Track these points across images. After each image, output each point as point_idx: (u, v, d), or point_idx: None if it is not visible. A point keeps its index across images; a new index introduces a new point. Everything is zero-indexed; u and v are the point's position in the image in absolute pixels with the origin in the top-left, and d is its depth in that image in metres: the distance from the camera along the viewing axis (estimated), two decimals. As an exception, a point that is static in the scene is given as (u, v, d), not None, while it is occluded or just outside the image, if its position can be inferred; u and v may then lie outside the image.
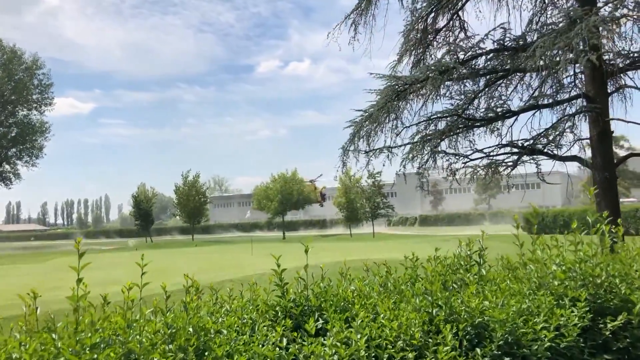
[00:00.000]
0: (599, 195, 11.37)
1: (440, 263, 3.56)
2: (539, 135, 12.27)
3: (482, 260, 3.53)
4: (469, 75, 11.30)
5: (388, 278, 3.63)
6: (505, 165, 13.55)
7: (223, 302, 3.59)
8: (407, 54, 12.95)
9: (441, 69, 10.18)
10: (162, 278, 14.59)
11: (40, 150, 69.14)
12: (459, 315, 2.65)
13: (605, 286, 2.99)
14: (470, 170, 13.74)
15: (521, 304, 2.70)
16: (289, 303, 3.24)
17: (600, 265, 3.10)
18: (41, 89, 67.93)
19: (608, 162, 11.22)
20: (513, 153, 13.19)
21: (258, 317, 3.05)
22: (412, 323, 2.51)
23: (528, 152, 12.36)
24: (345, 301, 3.20)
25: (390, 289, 3.40)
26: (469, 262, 3.58)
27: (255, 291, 3.48)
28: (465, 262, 3.58)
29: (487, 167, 13.54)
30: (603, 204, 11.36)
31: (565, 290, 2.88)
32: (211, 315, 3.07)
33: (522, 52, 10.69)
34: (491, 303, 2.68)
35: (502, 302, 2.68)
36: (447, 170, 13.43)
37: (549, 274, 3.05)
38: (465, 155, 13.19)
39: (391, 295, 3.16)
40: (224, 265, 22.43)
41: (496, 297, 2.76)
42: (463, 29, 12.98)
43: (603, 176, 11.23)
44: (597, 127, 11.06)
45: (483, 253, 3.63)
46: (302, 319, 3.00)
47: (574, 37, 8.67)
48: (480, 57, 11.48)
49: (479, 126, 11.99)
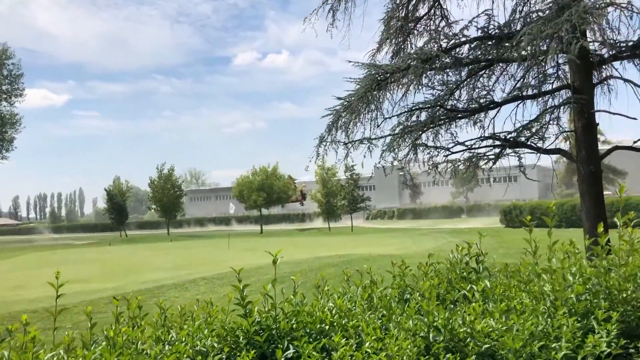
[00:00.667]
0: (584, 189, 11.07)
1: (435, 273, 3.04)
2: (522, 128, 11.92)
3: (480, 267, 3.03)
4: (451, 64, 10.85)
5: (373, 290, 3.10)
6: (486, 159, 13.20)
7: (171, 325, 3.01)
8: (388, 42, 12.46)
9: (423, 58, 9.70)
10: (133, 276, 13.83)
11: (10, 143, 67.32)
12: (462, 340, 2.17)
13: (633, 302, 2.53)
14: (451, 164, 13.37)
15: (537, 326, 2.22)
16: (252, 327, 2.70)
17: (627, 276, 2.62)
18: (11, 80, 66.09)
19: (593, 156, 10.90)
20: (495, 146, 12.82)
21: (212, 347, 2.50)
22: (405, 353, 2.01)
23: (511, 144, 12.01)
24: (322, 323, 2.68)
25: (376, 304, 2.88)
26: (467, 269, 3.08)
27: (211, 312, 2.91)
28: (464, 270, 3.08)
29: (468, 160, 13.17)
30: (587, 198, 11.06)
31: (592, 308, 2.40)
32: (156, 342, 2.51)
33: (507, 40, 10.27)
34: (499, 323, 2.21)
35: (515, 324, 2.19)
36: (428, 163, 13.03)
37: (568, 288, 2.56)
38: (447, 148, 12.79)
39: (377, 312, 2.66)
40: (199, 261, 21.78)
41: (505, 316, 2.28)
42: (445, 18, 12.54)
43: (588, 170, 10.92)
44: (582, 120, 10.73)
45: (482, 259, 3.13)
46: (269, 348, 2.46)
47: (563, 23, 8.26)
48: (464, 46, 11.03)
49: (461, 118, 11.57)
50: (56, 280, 2.90)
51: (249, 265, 16.33)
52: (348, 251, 21.69)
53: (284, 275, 13.07)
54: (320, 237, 42.68)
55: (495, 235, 29.82)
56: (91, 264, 22.44)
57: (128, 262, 22.67)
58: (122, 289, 12.33)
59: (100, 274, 17.77)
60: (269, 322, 2.72)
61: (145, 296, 11.50)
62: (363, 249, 23.94)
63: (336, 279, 12.92)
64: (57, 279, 3.01)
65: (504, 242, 25.86)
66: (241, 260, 19.96)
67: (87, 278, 16.26)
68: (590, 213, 10.92)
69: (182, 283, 12.57)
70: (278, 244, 35.24)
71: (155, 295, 11.47)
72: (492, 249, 22.25)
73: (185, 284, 12.51)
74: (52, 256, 30.18)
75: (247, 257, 22.47)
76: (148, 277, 15.29)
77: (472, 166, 13.35)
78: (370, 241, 33.45)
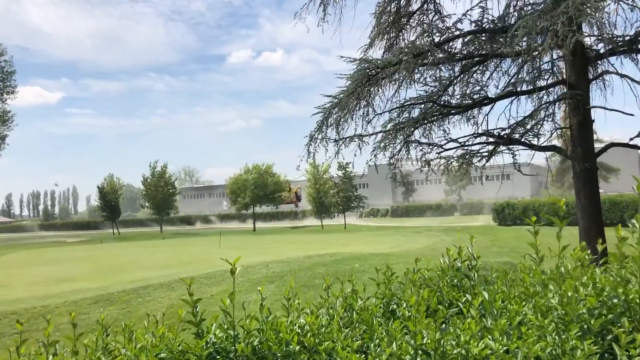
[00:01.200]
0: (579, 187, 10.87)
1: (423, 281, 2.75)
2: (516, 124, 11.70)
3: (474, 274, 2.74)
4: (444, 59, 10.60)
5: (353, 303, 2.80)
6: (480, 156, 12.99)
7: (115, 345, 2.68)
8: (380, 37, 12.21)
9: (415, 52, 9.44)
10: (120, 275, 13.45)
11: (2, 140, 66.61)
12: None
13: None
14: (444, 161, 13.15)
15: (545, 349, 1.93)
16: (205, 350, 2.39)
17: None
18: (3, 77, 65.28)
19: (588, 153, 10.69)
20: (489, 143, 12.61)
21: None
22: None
23: (505, 141, 11.79)
24: (289, 345, 2.37)
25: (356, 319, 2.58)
26: (458, 275, 2.80)
27: (158, 331, 2.58)
28: (455, 276, 2.79)
29: (461, 157, 12.95)
30: (582, 195, 10.86)
31: (609, 326, 2.06)
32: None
33: (502, 34, 10.02)
34: (499, 344, 1.91)
35: (518, 349, 1.87)
36: (421, 160, 12.80)
37: (580, 302, 2.21)
38: (439, 145, 12.56)
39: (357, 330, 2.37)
40: (189, 259, 21.47)
41: (507, 336, 1.98)
42: (438, 12, 12.29)
43: (583, 167, 10.71)
44: (578, 116, 10.51)
45: (475, 264, 2.84)
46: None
47: (560, 15, 8.01)
48: (457, 40, 10.78)
49: (455, 114, 11.33)
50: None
51: (238, 263, 16.04)
52: (340, 249, 21.44)
53: (274, 275, 12.85)
54: (313, 235, 42.43)
55: (488, 234, 29.67)
56: (79, 263, 22.08)
57: (117, 261, 22.32)
58: (107, 289, 12.03)
59: (87, 273, 17.43)
60: (225, 344, 2.43)
61: (131, 296, 11.23)
62: (355, 248, 23.71)
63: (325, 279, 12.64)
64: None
65: (497, 240, 25.73)
66: (231, 259, 19.65)
67: (74, 277, 15.92)
68: (585, 211, 10.71)
69: (169, 282, 12.27)
70: (270, 242, 34.98)
71: (140, 295, 11.19)
72: (485, 248, 22.09)
73: (172, 283, 12.21)
74: (41, 255, 29.74)
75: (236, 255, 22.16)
76: (136, 276, 14.98)
77: (465, 163, 13.13)
78: (362, 239, 33.23)
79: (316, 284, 11.43)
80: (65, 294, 11.71)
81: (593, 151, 10.82)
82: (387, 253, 18.14)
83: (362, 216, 76.41)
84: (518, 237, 26.39)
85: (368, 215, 78.85)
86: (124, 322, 9.51)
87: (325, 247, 24.29)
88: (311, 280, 11.75)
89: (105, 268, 19.05)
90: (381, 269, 3.05)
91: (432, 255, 15.20)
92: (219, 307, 2.56)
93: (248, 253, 23.49)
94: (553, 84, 11.14)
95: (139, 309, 10.33)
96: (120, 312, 10.01)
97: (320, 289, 11.16)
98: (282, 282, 11.85)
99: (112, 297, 11.14)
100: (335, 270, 12.91)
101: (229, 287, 11.63)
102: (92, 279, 15.09)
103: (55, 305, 10.54)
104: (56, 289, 13.03)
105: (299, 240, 34.68)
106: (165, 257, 23.37)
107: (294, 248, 25.87)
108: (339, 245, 26.21)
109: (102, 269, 18.81)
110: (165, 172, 71.67)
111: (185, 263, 19.58)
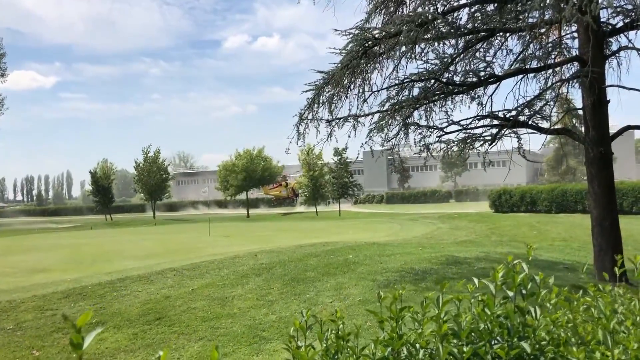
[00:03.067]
0: (592, 173, 10.02)
1: (451, 318, 1.74)
2: (524, 105, 10.82)
3: (536, 311, 1.70)
4: (447, 34, 9.66)
5: (338, 349, 1.81)
6: (482, 140, 12.14)
7: None
8: (377, 11, 11.25)
9: (418, 21, 8.49)
10: (99, 265, 12.25)
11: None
12: None
13: None
14: (444, 145, 12.31)
15: None
16: None
17: None
18: (-8, 59, 63.67)
19: (603, 136, 9.83)
20: (493, 126, 11.76)
21: None
22: None
23: (510, 124, 10.91)
24: None
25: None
26: (510, 313, 1.75)
27: None
28: (504, 311, 1.77)
29: (462, 141, 12.11)
30: (596, 182, 10.02)
31: None
32: None
33: (511, 2, 9.08)
34: None
35: None
36: (420, 144, 11.95)
37: None
38: (440, 128, 11.70)
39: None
40: (176, 248, 20.58)
41: None
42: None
43: (597, 151, 9.86)
44: (592, 96, 9.64)
45: (538, 292, 1.82)
46: None
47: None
48: (463, 10, 9.82)
49: (459, 93, 10.41)
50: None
51: (225, 253, 15.18)
52: (333, 238, 20.60)
53: (262, 267, 12.00)
54: (307, 222, 41.58)
55: (486, 221, 28.89)
56: (59, 251, 21.13)
57: (100, 250, 21.41)
58: (82, 282, 11.14)
59: (64, 262, 16.52)
60: None
61: (106, 290, 10.35)
62: (349, 236, 22.88)
63: (317, 270, 11.87)
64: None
65: (496, 228, 24.94)
66: (219, 248, 18.81)
67: (49, 267, 15.02)
68: (599, 200, 9.87)
69: (148, 275, 11.38)
70: (262, 229, 34.11)
71: (116, 289, 10.30)
72: (484, 236, 21.22)
73: (151, 275, 11.32)
74: (22, 242, 28.76)
75: (225, 244, 21.33)
76: (115, 266, 14.09)
77: (467, 148, 12.29)
78: (357, 227, 32.41)
79: (307, 277, 10.57)
80: (35, 287, 10.80)
81: (608, 134, 9.97)
82: (382, 242, 17.29)
83: (356, 203, 75.62)
84: (517, 225, 25.61)
85: (363, 202, 78.06)
86: (95, 319, 8.46)
87: (318, 236, 23.45)
88: (302, 274, 10.87)
89: (85, 257, 18.13)
90: (385, 300, 2.00)
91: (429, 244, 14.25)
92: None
93: (238, 241, 22.68)
94: (566, 60, 10.25)
95: (112, 305, 9.46)
96: (92, 308, 9.12)
97: (311, 283, 10.25)
98: (270, 274, 10.97)
99: (85, 291, 10.25)
100: (328, 262, 12.04)
101: (213, 280, 10.77)
102: (68, 269, 14.18)
103: (22, 300, 9.64)
104: (27, 280, 12.13)
105: (291, 228, 33.85)
106: (151, 245, 22.47)
107: (286, 236, 25.03)
108: (333, 234, 25.38)
109: (81, 258, 17.89)
110: (158, 157, 70.45)
111: (171, 252, 18.68)
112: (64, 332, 8.05)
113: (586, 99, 9.90)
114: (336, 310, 1.87)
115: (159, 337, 7.62)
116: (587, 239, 19.41)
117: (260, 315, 8.29)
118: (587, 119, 10.00)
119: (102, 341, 7.56)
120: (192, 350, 6.96)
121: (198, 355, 6.77)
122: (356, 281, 9.99)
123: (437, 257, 12.39)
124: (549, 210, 35.60)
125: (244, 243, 21.10)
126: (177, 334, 7.68)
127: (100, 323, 8.31)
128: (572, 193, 35.05)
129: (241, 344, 7.04)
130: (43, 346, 7.44)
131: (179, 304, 9.14)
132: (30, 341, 7.64)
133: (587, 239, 19.50)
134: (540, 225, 25.07)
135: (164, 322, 8.24)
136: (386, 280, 9.88)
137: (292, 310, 8.50)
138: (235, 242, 22.48)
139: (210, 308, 8.83)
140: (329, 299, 8.94)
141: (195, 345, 7.14)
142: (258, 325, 7.83)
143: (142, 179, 70.01)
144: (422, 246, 15.38)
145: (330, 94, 9.62)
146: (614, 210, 9.99)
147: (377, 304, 8.77)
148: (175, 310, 8.76)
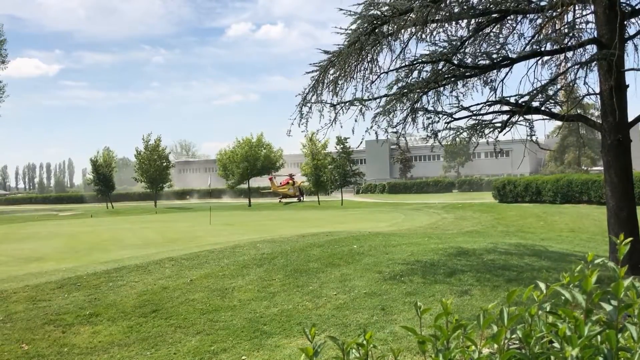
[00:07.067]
0: (609, 162, 9.58)
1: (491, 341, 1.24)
2: (538, 90, 10.34)
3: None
4: (460, 13, 9.18)
5: None
6: (493, 127, 11.71)
7: None
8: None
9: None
10: (96, 254, 11.74)
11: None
12: None
13: None
14: (453, 132, 11.88)
15: None
16: None
17: None
18: (-9, 46, 63.05)
19: (621, 122, 9.37)
20: (504, 112, 11.31)
21: None
22: None
23: (523, 110, 10.45)
24: None
25: None
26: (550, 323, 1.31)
27: None
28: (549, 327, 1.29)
29: (471, 128, 11.67)
30: (613, 171, 9.58)
31: None
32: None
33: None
34: None
35: None
36: (427, 130, 11.52)
37: None
38: (449, 114, 11.25)
39: None
40: (176, 237, 20.21)
41: None
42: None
43: (615, 139, 9.41)
44: (610, 80, 9.16)
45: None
46: None
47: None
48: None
49: (470, 76, 9.93)
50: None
51: (226, 242, 14.79)
52: (336, 227, 20.21)
53: (263, 257, 11.60)
54: (309, 212, 41.22)
55: (491, 211, 28.50)
56: (57, 239, 20.76)
57: (98, 238, 21.03)
58: (77, 271, 10.75)
59: (61, 251, 16.16)
60: None
61: (101, 280, 9.97)
62: (352, 225, 22.50)
63: (321, 261, 11.48)
64: None
65: (502, 218, 24.55)
66: (219, 237, 18.41)
67: (45, 256, 14.66)
68: (616, 190, 9.43)
69: (146, 264, 11.00)
70: (264, 218, 33.77)
71: (112, 279, 9.92)
72: (490, 227, 20.78)
73: (149, 265, 10.94)
74: (19, 230, 28.38)
75: (226, 233, 20.94)
76: (113, 255, 13.72)
77: (476, 134, 11.87)
78: (360, 216, 32.03)
79: (310, 268, 10.18)
80: (28, 277, 10.43)
81: (626, 120, 9.52)
82: (387, 232, 16.89)
83: (359, 192, 75.21)
84: (523, 215, 25.21)
85: (365, 191, 77.66)
86: (89, 311, 8.00)
87: (321, 225, 23.06)
88: (305, 264, 10.48)
89: (82, 246, 17.76)
90: (425, 313, 1.53)
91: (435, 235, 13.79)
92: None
93: (239, 230, 22.29)
94: (583, 42, 9.76)
95: (107, 296, 9.08)
96: (86, 299, 8.74)
97: (315, 274, 9.83)
98: (271, 265, 10.58)
99: (79, 281, 9.86)
100: (332, 253, 11.65)
101: (212, 270, 10.38)
102: (63, 258, 13.82)
103: (14, 290, 9.26)
104: (20, 270, 11.76)
105: (293, 217, 33.49)
106: (151, 234, 22.10)
107: (288, 225, 24.66)
108: (336, 223, 25.00)
109: (78, 247, 17.52)
110: (159, 145, 69.90)
111: (170, 241, 18.31)
112: (56, 324, 7.68)
113: (604, 83, 9.44)
114: (364, 330, 1.44)
115: (155, 330, 7.24)
116: (595, 230, 19.03)
117: (261, 308, 7.91)
118: (605, 105, 9.54)
119: (96, 334, 7.19)
120: (190, 344, 6.58)
121: (195, 350, 6.39)
122: (361, 272, 9.60)
123: (444, 248, 11.98)
124: (553, 201, 35.13)
125: (246, 232, 20.71)
126: (174, 327, 7.30)
127: (94, 315, 7.95)
128: (578, 183, 34.56)
129: (241, 339, 6.67)
130: (33, 339, 7.05)
131: (176, 296, 8.76)
132: (20, 334, 7.25)
133: (596, 230, 19.13)
134: (546, 215, 24.66)
135: (161, 314, 7.86)
136: (393, 272, 9.49)
137: (294, 302, 8.12)
138: (236, 231, 22.09)
139: (209, 300, 8.46)
140: (333, 291, 8.56)
141: (193, 339, 6.76)
142: (259, 318, 7.45)
143: (143, 167, 69.55)
144: (428, 236, 14.96)
145: (335, 75, 9.15)
146: (632, 200, 9.56)
147: (382, 296, 8.38)
148: (172, 302, 8.39)
